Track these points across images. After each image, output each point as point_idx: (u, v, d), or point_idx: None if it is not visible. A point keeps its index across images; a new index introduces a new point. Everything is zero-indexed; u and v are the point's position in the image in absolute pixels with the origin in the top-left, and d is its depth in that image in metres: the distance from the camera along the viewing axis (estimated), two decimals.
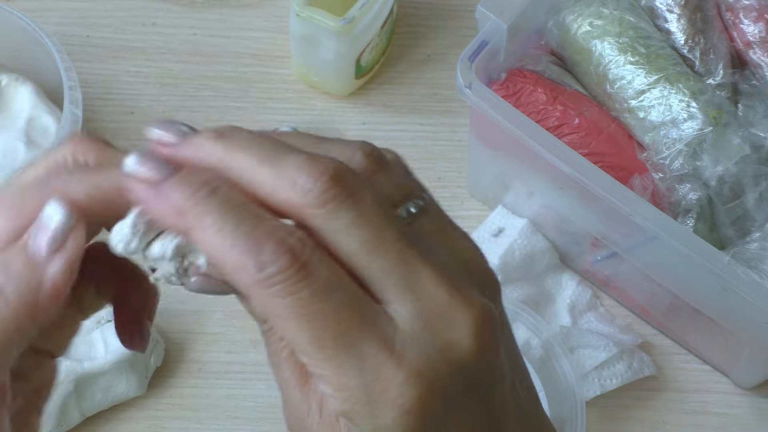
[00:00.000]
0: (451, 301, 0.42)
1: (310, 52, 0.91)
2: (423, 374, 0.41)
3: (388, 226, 0.42)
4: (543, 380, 0.84)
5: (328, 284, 0.41)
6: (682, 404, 0.87)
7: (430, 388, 0.42)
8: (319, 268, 0.41)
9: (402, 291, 0.42)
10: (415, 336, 0.42)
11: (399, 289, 0.42)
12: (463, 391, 0.42)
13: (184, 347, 0.87)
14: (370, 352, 0.41)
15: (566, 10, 0.85)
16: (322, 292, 0.41)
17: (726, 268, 0.75)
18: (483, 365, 0.43)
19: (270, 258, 0.41)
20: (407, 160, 1.00)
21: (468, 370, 0.42)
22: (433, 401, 0.42)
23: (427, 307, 0.42)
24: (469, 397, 0.43)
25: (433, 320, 0.42)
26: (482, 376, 0.43)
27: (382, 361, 0.41)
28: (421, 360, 0.41)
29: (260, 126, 0.94)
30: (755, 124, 0.82)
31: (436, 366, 0.42)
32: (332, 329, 0.41)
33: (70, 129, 0.84)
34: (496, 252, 0.89)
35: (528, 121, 0.79)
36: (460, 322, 0.42)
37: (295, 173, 0.42)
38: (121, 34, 0.97)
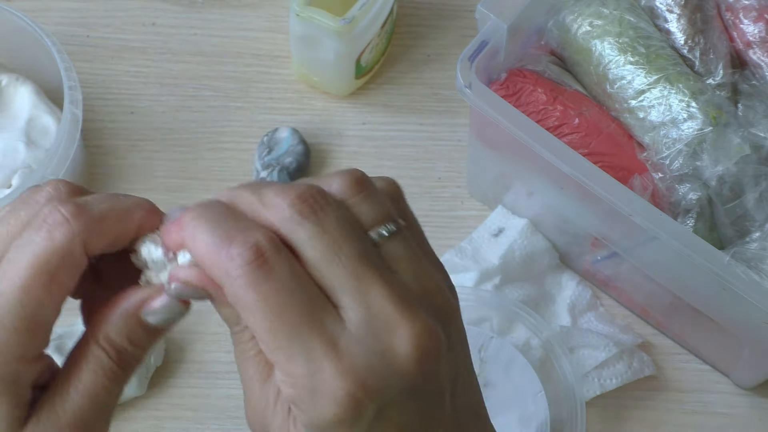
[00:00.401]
0: (395, 314, 0.48)
1: (310, 52, 0.91)
2: (359, 372, 0.47)
3: (347, 242, 0.48)
4: (543, 380, 0.84)
5: (286, 282, 0.47)
6: (682, 404, 0.87)
7: (364, 385, 0.47)
8: (280, 267, 0.48)
9: (352, 299, 0.48)
10: (359, 339, 0.48)
11: (350, 297, 0.48)
12: (398, 394, 0.48)
13: (184, 347, 0.87)
14: (317, 347, 0.47)
15: (566, 10, 0.85)
16: (280, 288, 0.47)
17: (726, 268, 0.75)
18: (419, 375, 0.48)
19: (238, 251, 0.48)
20: (407, 160, 0.99)
21: (404, 376, 0.48)
22: (365, 398, 0.47)
23: (373, 315, 0.48)
24: (404, 402, 0.48)
25: (377, 328, 0.48)
26: (418, 384, 0.48)
27: (325, 355, 0.47)
28: (360, 360, 0.47)
29: (260, 126, 0.94)
30: (755, 124, 0.82)
31: (373, 367, 0.48)
32: (286, 322, 0.47)
33: (70, 129, 0.84)
34: (496, 252, 0.89)
35: (528, 121, 0.79)
36: (401, 333, 0.48)
37: (273, 196, 0.49)
38: (121, 34, 0.97)
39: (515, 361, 0.84)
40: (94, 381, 0.51)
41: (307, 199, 0.49)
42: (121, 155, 0.93)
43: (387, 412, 0.48)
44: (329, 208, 0.49)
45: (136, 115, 0.94)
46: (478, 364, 0.85)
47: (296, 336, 0.48)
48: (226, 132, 0.94)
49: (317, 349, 0.47)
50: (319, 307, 0.48)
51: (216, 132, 0.94)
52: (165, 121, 0.94)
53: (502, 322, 0.86)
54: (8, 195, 0.83)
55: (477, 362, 0.85)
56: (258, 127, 0.94)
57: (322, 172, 0.93)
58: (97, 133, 0.94)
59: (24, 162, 0.88)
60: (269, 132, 0.93)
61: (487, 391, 0.84)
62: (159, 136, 0.94)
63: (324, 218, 0.49)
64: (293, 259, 0.48)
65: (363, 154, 0.94)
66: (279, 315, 0.48)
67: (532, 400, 0.84)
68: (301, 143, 0.92)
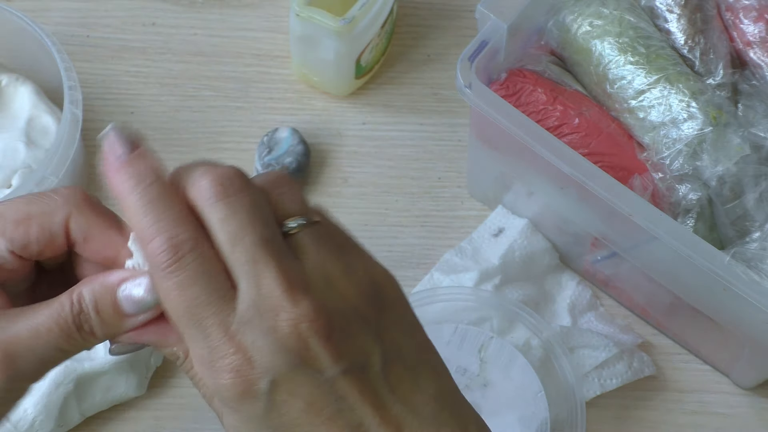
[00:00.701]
0: (281, 295, 0.53)
1: (310, 52, 0.91)
2: (246, 349, 0.53)
3: (252, 227, 0.53)
4: (543, 380, 0.84)
5: (191, 276, 0.53)
6: (682, 404, 0.87)
7: (251, 361, 0.53)
8: (189, 263, 0.53)
9: (246, 282, 0.53)
10: (247, 319, 0.53)
11: (244, 280, 0.53)
12: (286, 369, 0.53)
13: None
14: (212, 330, 0.53)
15: (566, 10, 0.85)
16: (185, 282, 0.53)
17: (726, 268, 0.75)
18: (305, 351, 0.53)
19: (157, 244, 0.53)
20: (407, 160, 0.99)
21: (287, 353, 0.53)
22: (253, 373, 0.53)
23: (262, 296, 0.53)
24: (295, 376, 0.53)
25: (264, 309, 0.53)
26: (307, 360, 0.53)
27: (219, 337, 0.53)
28: (248, 338, 0.53)
29: (260, 126, 0.94)
30: (755, 124, 0.82)
31: (258, 345, 0.53)
32: (189, 308, 0.53)
33: (70, 129, 0.84)
34: (496, 252, 0.89)
35: (528, 121, 0.79)
36: (283, 314, 0.53)
37: (198, 175, 0.55)
38: (121, 34, 0.97)
39: (515, 361, 0.84)
40: (44, 321, 0.55)
41: (224, 182, 0.55)
42: None
43: (282, 385, 0.54)
44: (243, 193, 0.54)
45: (136, 115, 0.94)
46: (478, 364, 0.85)
47: (196, 321, 0.53)
48: (226, 132, 0.94)
49: (213, 333, 0.53)
50: (218, 292, 0.53)
51: (216, 132, 0.94)
52: (165, 121, 0.94)
53: (502, 322, 0.86)
54: (8, 195, 0.83)
55: (477, 362, 0.85)
56: (258, 127, 0.94)
57: (322, 172, 0.93)
58: (97, 133, 0.94)
59: (24, 162, 0.88)
60: (269, 132, 0.93)
61: (487, 391, 0.84)
62: (159, 136, 0.94)
63: (235, 202, 0.54)
64: (200, 243, 0.54)
65: (363, 154, 0.94)
66: (184, 305, 0.53)
67: (532, 400, 0.84)
68: (301, 143, 0.92)
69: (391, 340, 0.56)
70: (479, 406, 0.84)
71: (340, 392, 0.55)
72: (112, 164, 0.56)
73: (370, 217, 0.92)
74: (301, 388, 0.54)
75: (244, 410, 0.55)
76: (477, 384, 0.85)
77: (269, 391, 0.54)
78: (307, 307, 0.53)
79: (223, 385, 0.54)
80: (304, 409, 0.55)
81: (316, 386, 0.54)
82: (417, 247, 0.91)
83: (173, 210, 0.55)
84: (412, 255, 0.91)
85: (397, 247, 0.91)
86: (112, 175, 0.55)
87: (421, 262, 0.91)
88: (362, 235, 0.90)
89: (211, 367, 0.54)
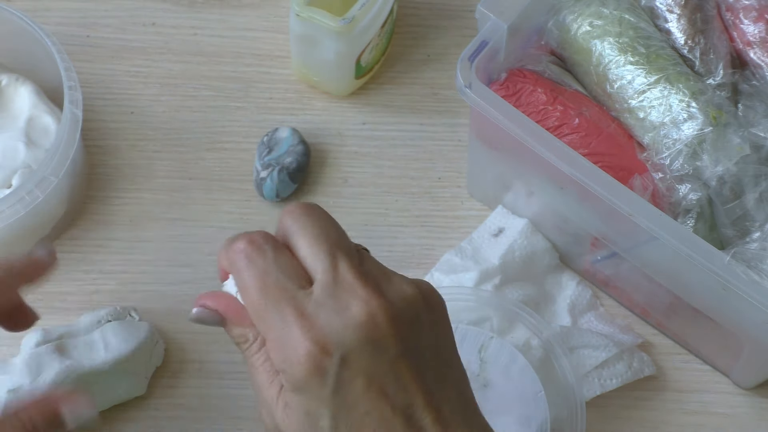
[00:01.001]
0: (354, 281, 0.61)
1: (310, 52, 0.91)
2: (320, 328, 0.60)
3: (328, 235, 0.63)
4: (543, 380, 0.84)
5: (270, 264, 0.62)
6: (682, 404, 0.87)
7: (324, 337, 0.60)
8: (266, 253, 0.62)
9: (323, 270, 0.62)
10: (320, 302, 0.61)
11: (322, 268, 0.62)
12: (356, 345, 0.60)
13: (184, 347, 0.87)
14: (288, 312, 0.61)
15: (566, 10, 0.85)
16: (264, 269, 0.62)
17: (726, 268, 0.75)
18: (374, 330, 0.61)
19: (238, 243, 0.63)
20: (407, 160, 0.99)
21: (357, 329, 0.60)
22: (326, 348, 0.60)
23: (336, 281, 0.61)
24: (364, 352, 0.60)
25: (337, 292, 0.61)
26: (374, 338, 0.61)
27: (294, 319, 0.61)
28: (321, 319, 0.61)
29: (260, 126, 0.94)
30: (755, 124, 0.82)
31: (331, 323, 0.60)
32: (267, 296, 0.61)
33: (70, 129, 0.84)
34: (496, 252, 0.89)
35: (528, 121, 0.79)
36: (357, 295, 0.61)
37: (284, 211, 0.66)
38: (121, 34, 0.97)
39: (515, 361, 0.84)
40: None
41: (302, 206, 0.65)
42: (121, 155, 0.93)
43: (350, 361, 0.60)
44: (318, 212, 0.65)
45: (136, 115, 0.94)
46: (478, 364, 0.85)
47: (273, 307, 0.61)
48: (226, 132, 0.94)
49: (288, 315, 0.61)
50: (294, 282, 0.62)
51: (216, 132, 0.94)
52: (165, 121, 0.94)
53: (502, 322, 0.86)
54: (8, 195, 0.83)
55: (477, 362, 0.85)
56: (258, 127, 0.94)
57: (322, 172, 0.93)
58: (97, 133, 0.94)
59: (24, 162, 0.88)
60: (269, 132, 0.93)
61: (487, 391, 0.84)
62: (159, 136, 0.94)
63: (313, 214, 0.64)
64: (279, 246, 0.63)
65: (363, 154, 0.94)
66: (262, 292, 0.61)
67: (532, 400, 0.84)
68: (301, 143, 0.92)
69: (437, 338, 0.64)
70: (479, 406, 0.84)
71: (398, 372, 0.61)
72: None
73: (370, 217, 0.92)
74: (367, 365, 0.61)
75: (311, 389, 0.61)
76: (477, 384, 0.85)
77: (339, 366, 0.60)
78: (377, 291, 0.62)
79: (297, 362, 0.60)
80: (365, 386, 0.61)
81: (380, 364, 0.61)
82: (417, 247, 0.91)
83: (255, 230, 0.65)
84: (412, 255, 0.91)
85: (397, 247, 0.91)
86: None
87: (421, 262, 0.91)
88: (362, 235, 0.91)
89: (285, 346, 0.61)
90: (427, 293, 0.64)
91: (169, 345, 0.87)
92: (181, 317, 0.87)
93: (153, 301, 0.88)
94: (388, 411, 0.61)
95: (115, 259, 0.90)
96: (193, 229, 0.91)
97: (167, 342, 0.87)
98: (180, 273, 0.89)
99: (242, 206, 0.92)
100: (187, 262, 0.90)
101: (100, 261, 0.90)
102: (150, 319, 0.86)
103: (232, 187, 0.92)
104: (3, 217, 0.82)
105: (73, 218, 0.91)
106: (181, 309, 0.88)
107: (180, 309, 0.88)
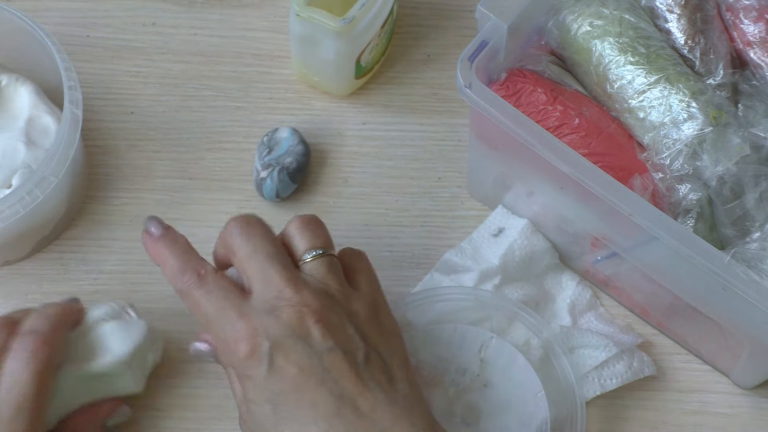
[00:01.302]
0: (285, 286, 0.74)
1: (310, 52, 0.91)
2: (255, 326, 0.73)
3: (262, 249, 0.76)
4: (543, 380, 0.84)
5: (213, 287, 0.76)
6: (682, 404, 0.87)
7: (257, 329, 0.73)
8: (210, 280, 0.76)
9: (257, 282, 0.75)
10: (257, 306, 0.74)
11: (256, 281, 0.75)
12: (283, 337, 0.72)
13: (184, 347, 0.87)
14: (231, 315, 0.74)
15: (566, 10, 0.85)
16: (209, 290, 0.76)
17: (726, 268, 0.75)
18: (300, 327, 0.72)
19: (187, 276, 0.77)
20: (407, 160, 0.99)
21: (283, 324, 0.72)
22: (258, 336, 0.73)
23: (268, 289, 0.74)
24: (290, 343, 0.72)
25: (268, 296, 0.74)
26: (298, 332, 0.72)
27: (236, 319, 0.74)
28: (255, 317, 0.73)
29: (260, 126, 0.94)
30: (755, 124, 0.82)
31: (263, 320, 0.73)
32: (214, 307, 0.75)
33: (70, 129, 0.84)
34: (496, 252, 0.89)
35: (528, 121, 0.79)
36: (286, 298, 0.73)
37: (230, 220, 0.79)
38: (121, 34, 0.97)
39: (515, 361, 0.84)
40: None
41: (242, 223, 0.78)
42: (121, 155, 0.93)
43: (280, 349, 0.72)
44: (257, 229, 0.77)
45: (136, 115, 0.94)
46: (478, 364, 0.85)
47: (220, 313, 0.75)
48: (226, 132, 0.94)
49: (231, 314, 0.74)
50: (234, 294, 0.75)
51: (216, 132, 0.94)
52: (165, 121, 0.94)
53: (502, 322, 0.86)
54: (8, 195, 0.83)
55: (477, 362, 0.85)
56: (258, 127, 0.94)
57: (322, 172, 0.93)
58: (97, 133, 0.94)
59: (24, 162, 0.88)
60: (269, 132, 0.93)
61: (487, 391, 0.84)
62: (159, 136, 0.94)
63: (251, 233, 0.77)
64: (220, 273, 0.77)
65: (363, 154, 0.94)
66: (209, 304, 0.75)
67: (532, 400, 0.84)
68: (301, 143, 0.92)
69: (375, 347, 0.73)
70: (479, 406, 0.84)
71: (327, 365, 0.71)
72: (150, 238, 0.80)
73: (370, 217, 0.92)
74: (295, 355, 0.72)
75: (251, 373, 0.72)
76: (477, 384, 0.85)
77: (270, 352, 0.72)
78: (305, 295, 0.73)
79: (236, 350, 0.73)
80: (297, 374, 0.71)
81: (308, 355, 0.71)
82: (417, 247, 0.91)
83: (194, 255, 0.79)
84: (412, 255, 0.91)
85: (397, 247, 0.91)
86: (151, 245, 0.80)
87: (421, 262, 0.91)
88: (362, 235, 0.91)
89: (229, 341, 0.73)
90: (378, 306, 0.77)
91: (169, 345, 0.87)
92: (180, 317, 0.87)
93: (153, 301, 0.88)
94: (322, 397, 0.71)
95: (115, 259, 0.90)
96: (193, 229, 0.90)
97: (167, 342, 0.87)
98: None
99: (242, 206, 0.92)
100: None
101: (100, 261, 0.90)
102: (150, 319, 0.86)
103: (232, 187, 0.92)
104: (3, 217, 0.82)
105: (73, 218, 0.91)
106: (181, 309, 0.88)
107: (180, 309, 0.88)
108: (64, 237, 0.91)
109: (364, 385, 0.71)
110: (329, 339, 0.72)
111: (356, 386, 0.71)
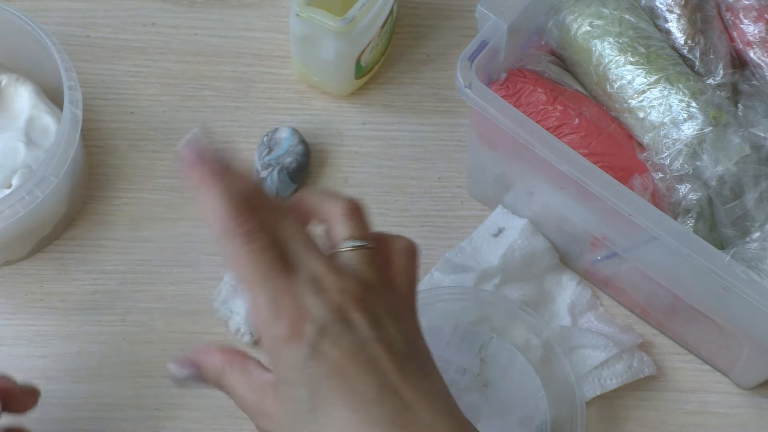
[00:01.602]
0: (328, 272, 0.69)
1: (310, 52, 0.91)
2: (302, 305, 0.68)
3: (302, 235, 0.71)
4: (543, 380, 0.84)
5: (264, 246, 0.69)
6: (682, 404, 0.88)
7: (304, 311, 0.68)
8: (262, 237, 0.68)
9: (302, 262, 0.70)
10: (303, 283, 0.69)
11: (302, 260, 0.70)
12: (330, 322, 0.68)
13: (185, 347, 0.87)
14: (277, 284, 0.68)
15: (566, 10, 0.85)
16: (259, 249, 0.69)
17: (726, 268, 0.75)
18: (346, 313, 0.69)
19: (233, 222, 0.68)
20: (407, 160, 0.99)
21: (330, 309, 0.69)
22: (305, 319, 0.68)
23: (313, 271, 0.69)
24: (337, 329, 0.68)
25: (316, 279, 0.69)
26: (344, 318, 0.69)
27: (282, 291, 0.68)
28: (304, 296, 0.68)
29: (260, 126, 0.94)
30: (755, 124, 0.82)
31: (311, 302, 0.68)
32: (260, 269, 0.68)
33: (70, 129, 0.84)
34: (496, 252, 0.89)
35: (528, 121, 0.79)
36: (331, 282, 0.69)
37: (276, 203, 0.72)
38: (121, 34, 0.97)
39: (515, 361, 0.84)
40: None
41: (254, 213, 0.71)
42: (121, 155, 0.93)
43: (327, 335, 0.68)
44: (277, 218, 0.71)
45: (136, 115, 0.95)
46: (478, 364, 0.85)
47: (265, 278, 0.68)
48: (226, 132, 0.94)
49: (277, 285, 0.68)
50: (281, 262, 0.69)
51: (216, 132, 0.94)
52: (165, 121, 0.94)
53: (502, 322, 0.86)
54: (8, 195, 0.83)
55: (477, 362, 0.85)
56: (258, 127, 0.94)
57: (322, 172, 0.93)
58: (97, 133, 0.94)
59: (24, 162, 0.88)
60: (269, 132, 0.93)
61: (487, 391, 0.84)
62: (159, 136, 0.94)
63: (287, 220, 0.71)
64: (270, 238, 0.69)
65: (363, 154, 0.94)
66: (256, 264, 0.68)
67: (532, 400, 0.84)
68: (301, 143, 0.92)
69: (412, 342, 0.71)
70: (479, 406, 0.84)
71: (373, 354, 0.68)
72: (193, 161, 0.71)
73: (371, 217, 0.92)
74: (341, 341, 0.68)
75: (289, 356, 0.68)
76: (477, 384, 0.85)
77: (316, 337, 0.68)
78: (348, 282, 0.70)
79: (279, 328, 0.68)
80: (340, 359, 0.68)
81: (353, 343, 0.68)
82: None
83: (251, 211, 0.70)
84: None
85: None
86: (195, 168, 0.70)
87: (421, 262, 0.90)
88: None
89: (270, 313, 0.68)
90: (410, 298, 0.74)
91: (169, 345, 0.87)
92: (181, 317, 0.87)
93: (153, 301, 0.88)
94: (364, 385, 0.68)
95: (115, 259, 0.90)
96: (193, 229, 0.91)
97: (167, 341, 0.87)
98: (180, 273, 0.89)
99: None
100: (187, 262, 0.90)
101: (100, 261, 0.90)
102: (149, 318, 0.87)
103: None
104: (3, 217, 0.82)
105: (73, 218, 0.91)
106: (181, 309, 0.88)
107: (180, 309, 0.88)
108: (64, 237, 0.91)
109: (405, 378, 0.69)
110: (374, 328, 0.70)
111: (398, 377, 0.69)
